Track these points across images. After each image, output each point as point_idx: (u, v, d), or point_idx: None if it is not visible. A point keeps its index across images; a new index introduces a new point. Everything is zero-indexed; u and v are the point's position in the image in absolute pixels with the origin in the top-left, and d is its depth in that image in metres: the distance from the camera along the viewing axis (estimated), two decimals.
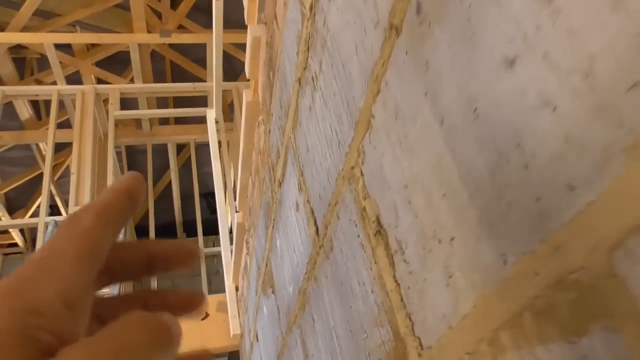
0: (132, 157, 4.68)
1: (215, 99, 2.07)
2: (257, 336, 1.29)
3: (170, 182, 4.58)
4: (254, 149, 1.12)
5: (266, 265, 1.03)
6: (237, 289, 1.80)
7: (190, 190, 4.65)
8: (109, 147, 3.14)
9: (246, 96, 1.08)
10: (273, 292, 0.97)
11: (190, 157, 4.43)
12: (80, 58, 3.79)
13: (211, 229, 4.64)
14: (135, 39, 3.19)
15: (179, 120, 4.04)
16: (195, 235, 4.46)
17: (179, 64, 4.23)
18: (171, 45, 4.23)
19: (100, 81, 3.83)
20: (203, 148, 4.88)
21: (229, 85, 3.49)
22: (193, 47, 4.32)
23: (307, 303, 0.69)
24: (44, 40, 3.17)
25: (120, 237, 2.11)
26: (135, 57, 3.29)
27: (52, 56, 3.28)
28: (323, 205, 0.58)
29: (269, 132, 0.90)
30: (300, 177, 0.68)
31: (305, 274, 0.69)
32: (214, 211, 5.10)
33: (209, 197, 4.86)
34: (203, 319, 1.83)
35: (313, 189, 0.62)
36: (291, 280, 0.79)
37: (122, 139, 3.70)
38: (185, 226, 4.78)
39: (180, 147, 4.70)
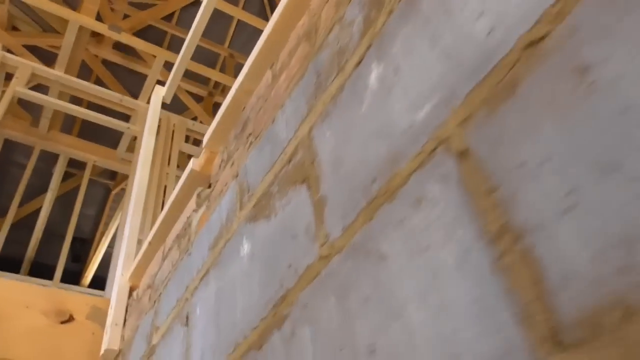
0: (7, 167, 3.90)
1: (173, 76, 1.68)
2: (186, 319, 0.79)
3: (38, 210, 3.78)
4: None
5: (294, 153, 0.62)
6: (132, 289, 1.24)
7: (59, 229, 3.90)
8: None
9: None
10: (303, 181, 0.55)
11: (78, 187, 3.74)
12: (4, 33, 3.23)
13: (67, 277, 3.81)
14: (80, 20, 2.73)
15: (82, 135, 3.46)
16: (45, 279, 3.64)
17: (106, 84, 3.77)
18: (105, 64, 3.80)
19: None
20: (94, 186, 4.21)
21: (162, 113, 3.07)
22: (130, 75, 3.93)
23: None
24: None
25: None
26: (68, 41, 2.80)
27: None
28: None
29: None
30: None
31: None
32: (75, 259, 4.27)
33: (76, 242, 4.08)
34: (64, 322, 1.19)
35: None
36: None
37: (7, 130, 3.03)
38: (33, 267, 3.87)
39: (69, 175, 4.01)
